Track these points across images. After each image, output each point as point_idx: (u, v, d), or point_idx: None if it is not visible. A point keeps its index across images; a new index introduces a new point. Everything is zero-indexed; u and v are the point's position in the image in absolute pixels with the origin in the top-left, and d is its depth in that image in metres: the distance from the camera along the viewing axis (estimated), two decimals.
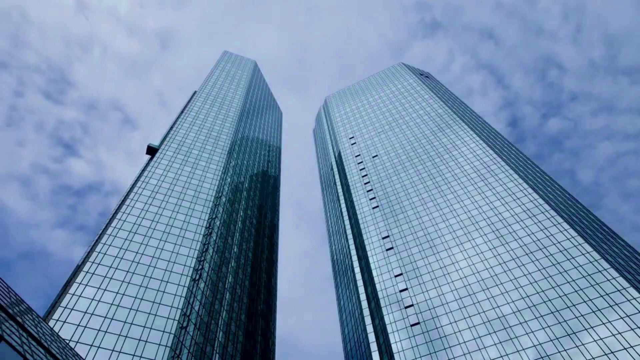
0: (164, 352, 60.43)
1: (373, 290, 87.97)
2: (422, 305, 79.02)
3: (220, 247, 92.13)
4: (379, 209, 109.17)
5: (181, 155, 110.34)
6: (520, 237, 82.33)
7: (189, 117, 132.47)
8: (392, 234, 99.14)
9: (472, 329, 71.00)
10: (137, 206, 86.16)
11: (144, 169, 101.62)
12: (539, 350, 63.16)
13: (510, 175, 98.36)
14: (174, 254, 78.69)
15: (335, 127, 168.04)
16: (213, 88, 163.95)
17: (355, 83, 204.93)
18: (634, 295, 63.64)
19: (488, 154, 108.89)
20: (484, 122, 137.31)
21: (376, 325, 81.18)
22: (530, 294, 71.41)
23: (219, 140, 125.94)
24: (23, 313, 31.64)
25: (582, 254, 73.28)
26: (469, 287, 78.03)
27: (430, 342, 72.02)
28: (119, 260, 72.53)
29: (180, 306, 68.79)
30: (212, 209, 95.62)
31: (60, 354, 32.35)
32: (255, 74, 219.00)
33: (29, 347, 26.21)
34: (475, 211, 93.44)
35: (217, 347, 73.41)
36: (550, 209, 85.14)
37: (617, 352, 58.19)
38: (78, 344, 56.78)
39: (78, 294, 63.85)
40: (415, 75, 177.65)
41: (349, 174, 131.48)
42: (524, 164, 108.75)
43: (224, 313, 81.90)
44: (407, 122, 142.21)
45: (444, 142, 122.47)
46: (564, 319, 65.45)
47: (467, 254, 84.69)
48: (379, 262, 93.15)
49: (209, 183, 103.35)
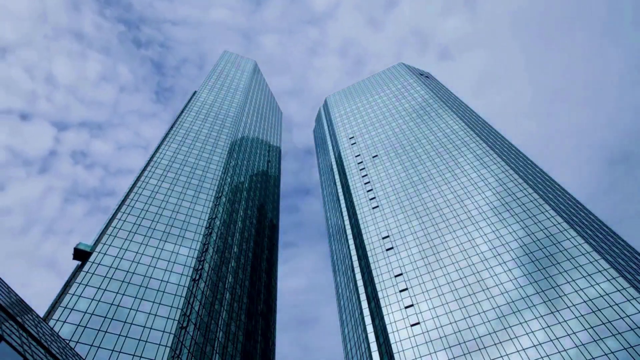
0: (164, 352, 60.45)
1: (373, 290, 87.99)
2: (422, 305, 79.04)
3: (220, 247, 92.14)
4: (379, 209, 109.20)
5: (181, 155, 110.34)
6: (520, 237, 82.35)
7: (189, 117, 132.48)
8: (392, 234, 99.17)
9: (472, 329, 71.02)
10: (137, 206, 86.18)
11: (144, 168, 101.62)
12: (539, 350, 63.20)
13: (510, 175, 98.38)
14: (174, 254, 78.71)
15: (335, 127, 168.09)
16: (213, 88, 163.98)
17: (355, 83, 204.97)
18: (634, 295, 63.68)
19: (488, 154, 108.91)
20: (484, 122, 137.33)
21: (376, 325, 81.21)
22: (530, 294, 71.43)
23: (219, 140, 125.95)
24: (23, 313, 31.65)
25: (582, 254, 73.31)
26: (469, 287, 78.06)
27: (430, 342, 72.05)
28: (119, 260, 72.55)
29: (180, 306, 68.81)
30: (212, 209, 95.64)
31: (60, 354, 32.35)
32: (256, 74, 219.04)
33: (29, 347, 26.23)
34: (475, 211, 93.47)
35: (217, 347, 73.43)
36: (550, 209, 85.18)
37: (617, 352, 58.23)
38: (78, 344, 56.79)
39: (78, 294, 63.88)
40: (415, 75, 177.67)
41: (349, 174, 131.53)
42: (524, 164, 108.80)
43: (224, 313, 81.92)
44: (407, 122, 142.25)
45: (443, 142, 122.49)
46: (564, 319, 65.48)
47: (467, 254, 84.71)
48: (379, 262, 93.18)
49: (209, 183, 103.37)
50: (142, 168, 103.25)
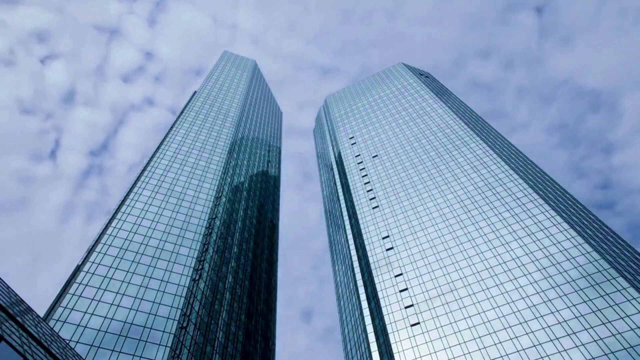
0: (164, 352, 60.46)
1: (373, 290, 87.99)
2: (422, 305, 79.02)
3: (220, 247, 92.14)
4: (379, 209, 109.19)
5: (181, 155, 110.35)
6: (520, 237, 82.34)
7: (189, 117, 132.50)
8: (392, 234, 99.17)
9: (472, 329, 71.01)
10: (137, 206, 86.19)
11: (144, 169, 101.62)
12: (539, 350, 63.18)
13: (510, 176, 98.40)
14: (174, 254, 78.71)
15: (335, 127, 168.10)
16: (213, 88, 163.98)
17: (355, 83, 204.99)
18: (634, 295, 63.65)
19: (488, 154, 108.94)
20: (484, 121, 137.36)
21: (376, 325, 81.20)
22: (530, 294, 71.41)
23: (219, 140, 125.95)
24: (23, 313, 31.64)
25: (582, 254, 73.30)
26: (469, 287, 78.05)
27: (430, 342, 72.03)
28: (119, 260, 72.55)
29: (180, 306, 68.81)
30: (212, 209, 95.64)
31: (60, 354, 32.35)
32: (256, 74, 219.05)
33: (29, 347, 26.22)
34: (475, 211, 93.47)
35: (217, 347, 73.43)
36: (550, 209, 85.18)
37: (617, 352, 58.19)
38: (78, 344, 56.80)
39: (78, 294, 63.88)
40: (415, 75, 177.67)
41: (349, 174, 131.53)
42: (524, 164, 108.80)
43: (224, 313, 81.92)
44: (407, 122, 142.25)
45: (443, 142, 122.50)
46: (563, 318, 65.46)
47: (467, 254, 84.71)
48: (379, 261, 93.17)
49: (209, 183, 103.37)
50: (143, 168, 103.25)
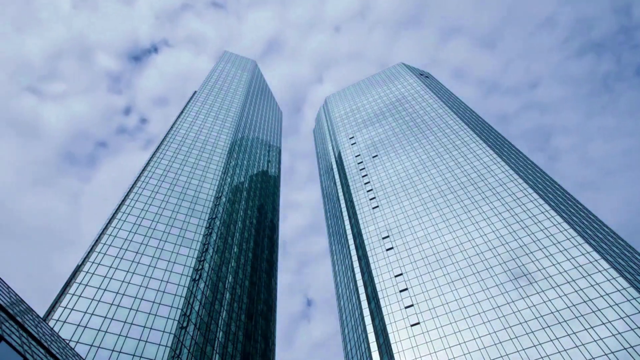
0: (164, 352, 60.45)
1: (373, 290, 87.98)
2: (422, 305, 79.02)
3: (220, 247, 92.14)
4: (379, 209, 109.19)
5: (181, 155, 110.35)
6: (520, 238, 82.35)
7: (189, 117, 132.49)
8: (392, 234, 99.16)
9: (473, 329, 71.01)
10: (137, 206, 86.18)
11: (144, 168, 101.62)
12: (539, 350, 63.18)
13: (510, 176, 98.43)
14: (174, 254, 78.71)
15: (335, 127, 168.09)
16: (213, 88, 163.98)
17: (355, 83, 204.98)
18: (634, 295, 63.66)
19: (488, 154, 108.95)
20: (484, 121, 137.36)
21: (376, 325, 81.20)
22: (530, 294, 71.42)
23: (219, 140, 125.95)
24: (23, 313, 31.64)
25: (582, 254, 73.31)
26: (469, 287, 78.04)
27: (430, 342, 72.03)
28: (119, 260, 72.55)
29: (180, 306, 68.81)
30: (212, 209, 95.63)
31: (60, 354, 32.34)
32: (256, 74, 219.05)
33: (29, 347, 26.22)
34: (475, 211, 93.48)
35: (217, 347, 73.42)
36: (550, 209, 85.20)
37: (617, 352, 58.19)
38: (78, 344, 56.79)
39: (78, 294, 63.87)
40: (415, 75, 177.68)
41: (349, 174, 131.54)
42: (524, 164, 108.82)
43: (224, 313, 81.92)
44: (407, 122, 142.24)
45: (443, 142, 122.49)
46: (563, 319, 65.47)
47: (467, 254, 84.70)
48: (379, 262, 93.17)
49: (209, 183, 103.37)
50: (142, 168, 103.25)
